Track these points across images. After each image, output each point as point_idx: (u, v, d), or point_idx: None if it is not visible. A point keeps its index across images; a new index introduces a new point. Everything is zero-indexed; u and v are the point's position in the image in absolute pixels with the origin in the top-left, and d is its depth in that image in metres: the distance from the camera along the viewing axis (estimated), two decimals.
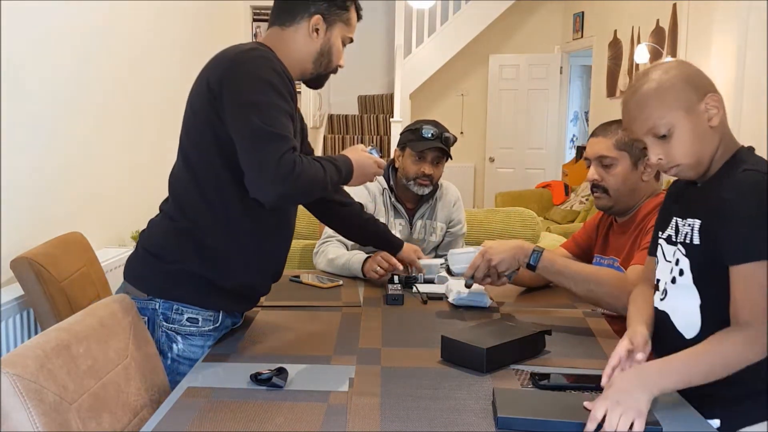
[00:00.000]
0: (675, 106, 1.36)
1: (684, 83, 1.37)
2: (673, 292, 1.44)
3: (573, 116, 9.11)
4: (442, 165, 2.58)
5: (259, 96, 1.53)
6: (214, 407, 1.30)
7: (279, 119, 1.53)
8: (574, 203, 6.37)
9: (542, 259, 1.83)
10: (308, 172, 1.54)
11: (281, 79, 1.59)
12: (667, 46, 5.47)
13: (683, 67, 1.40)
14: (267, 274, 1.79)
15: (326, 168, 1.61)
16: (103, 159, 3.11)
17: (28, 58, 2.51)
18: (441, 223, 2.68)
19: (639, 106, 1.39)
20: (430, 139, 2.49)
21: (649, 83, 1.39)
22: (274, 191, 1.51)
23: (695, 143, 1.37)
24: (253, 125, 1.51)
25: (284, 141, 1.51)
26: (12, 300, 2.26)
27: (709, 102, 1.36)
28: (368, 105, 8.48)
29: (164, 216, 1.71)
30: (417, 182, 2.54)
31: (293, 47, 1.72)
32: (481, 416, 1.26)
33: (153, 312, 1.65)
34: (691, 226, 1.39)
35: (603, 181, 1.95)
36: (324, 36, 1.73)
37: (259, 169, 1.50)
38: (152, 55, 3.63)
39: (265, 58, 1.60)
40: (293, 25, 1.71)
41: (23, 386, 1.11)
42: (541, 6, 8.39)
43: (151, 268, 1.68)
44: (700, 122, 1.37)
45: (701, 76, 1.40)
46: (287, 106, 1.57)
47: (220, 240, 1.64)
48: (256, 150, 1.51)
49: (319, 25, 1.71)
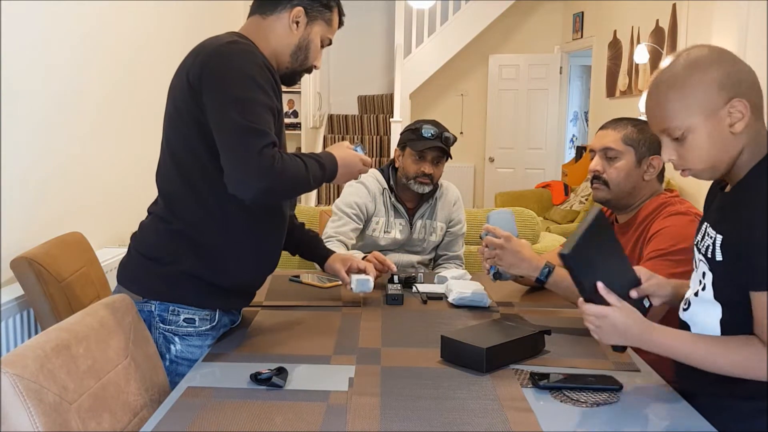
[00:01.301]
0: (694, 109, 1.28)
1: (711, 84, 1.27)
2: (695, 306, 1.39)
3: (573, 116, 9.11)
4: (443, 164, 2.59)
5: (239, 91, 1.52)
6: (214, 407, 1.30)
7: (260, 114, 1.51)
8: (573, 203, 6.37)
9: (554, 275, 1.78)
10: (289, 168, 1.53)
11: (263, 73, 1.56)
12: (666, 46, 5.47)
13: (715, 64, 1.28)
14: (262, 269, 1.79)
15: (308, 164, 1.59)
16: (103, 159, 3.10)
17: (28, 57, 2.51)
18: (441, 223, 2.69)
19: (657, 102, 1.32)
20: (430, 138, 2.50)
21: (674, 77, 1.30)
22: (253, 186, 1.49)
23: (711, 150, 1.29)
24: (232, 121, 1.49)
25: (264, 136, 1.49)
26: (12, 300, 2.26)
27: (734, 107, 1.26)
28: (368, 105, 8.48)
29: (155, 218, 1.70)
30: (417, 181, 2.55)
31: (271, 37, 1.70)
32: (481, 416, 1.26)
33: (149, 314, 1.64)
34: (713, 239, 1.31)
35: (604, 173, 1.94)
36: (304, 30, 1.71)
37: (238, 164, 1.49)
38: (152, 55, 3.63)
39: (246, 52, 1.58)
40: (274, 14, 1.70)
41: (23, 386, 1.11)
42: (541, 6, 8.39)
43: (145, 270, 1.67)
44: (721, 128, 1.28)
45: (734, 73, 1.28)
46: (269, 101, 1.55)
47: (214, 238, 1.64)
48: (235, 145, 1.49)
49: (300, 17, 1.69)
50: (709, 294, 1.34)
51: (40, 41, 2.60)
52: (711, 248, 1.31)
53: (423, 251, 2.70)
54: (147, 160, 3.56)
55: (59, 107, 2.74)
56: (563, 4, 8.34)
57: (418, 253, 2.70)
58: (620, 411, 1.31)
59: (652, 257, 1.77)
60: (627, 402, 1.34)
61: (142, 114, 3.53)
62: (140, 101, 3.50)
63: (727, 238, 1.28)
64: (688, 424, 1.26)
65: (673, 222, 1.80)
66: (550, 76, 8.31)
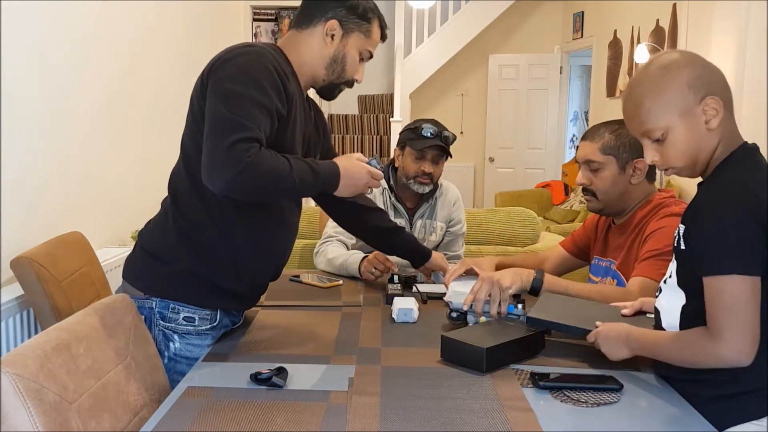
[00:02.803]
0: (671, 109, 1.35)
1: (682, 86, 1.34)
2: (664, 292, 1.46)
3: (573, 116, 9.11)
4: (442, 163, 2.59)
5: (233, 85, 1.51)
6: (214, 407, 1.30)
7: (248, 109, 1.49)
8: (573, 203, 6.38)
9: (545, 282, 1.82)
10: (265, 164, 1.48)
11: (269, 75, 1.55)
12: (667, 46, 5.47)
13: (686, 66, 1.36)
14: (264, 274, 1.78)
15: (295, 166, 1.54)
16: (103, 159, 3.11)
17: (27, 57, 2.51)
18: (441, 223, 2.69)
19: (635, 107, 1.39)
20: (429, 137, 2.51)
21: (649, 81, 1.37)
22: (218, 178, 1.46)
23: (691, 146, 1.36)
24: (217, 111, 1.49)
25: (243, 129, 1.47)
26: (12, 300, 2.26)
27: (708, 105, 1.34)
28: (368, 105, 8.48)
29: (162, 214, 1.71)
30: (417, 180, 2.55)
31: (306, 50, 1.71)
32: (481, 416, 1.26)
33: (150, 311, 1.65)
34: (679, 229, 1.39)
35: (591, 185, 1.95)
36: (339, 43, 1.71)
37: (208, 153, 1.48)
38: (152, 55, 3.63)
39: (256, 53, 1.57)
40: (309, 28, 1.70)
41: (23, 386, 1.11)
42: (541, 6, 8.39)
43: (148, 267, 1.68)
44: (697, 125, 1.35)
45: (705, 74, 1.36)
46: (265, 100, 1.52)
47: (216, 239, 1.64)
48: (210, 134, 1.48)
49: (335, 30, 1.69)
50: (673, 281, 1.41)
51: (42, 42, 2.60)
52: (677, 238, 1.39)
53: None
54: (147, 160, 3.57)
55: (59, 107, 2.74)
56: (563, 4, 8.34)
57: None
58: (620, 411, 1.31)
59: (646, 257, 1.79)
60: (627, 402, 1.34)
61: (143, 114, 3.53)
62: (141, 101, 3.50)
63: (687, 228, 1.35)
64: (688, 424, 1.26)
65: (668, 222, 1.81)
66: (550, 75, 8.31)
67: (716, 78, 1.37)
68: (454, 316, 1.79)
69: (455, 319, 1.79)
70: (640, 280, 1.76)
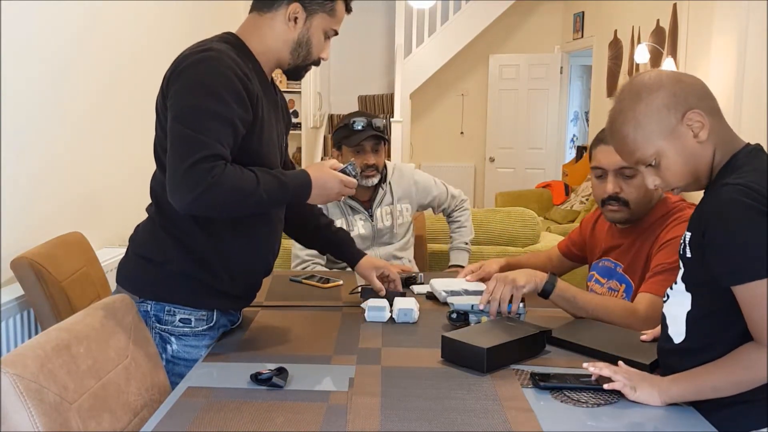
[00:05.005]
0: (655, 136, 1.33)
1: (660, 108, 1.33)
2: (672, 298, 1.43)
3: (573, 116, 9.11)
4: (382, 150, 2.60)
5: (192, 100, 1.48)
6: (214, 407, 1.30)
7: (207, 125, 1.46)
8: (574, 203, 6.37)
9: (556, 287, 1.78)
10: (228, 181, 1.45)
11: (226, 81, 1.50)
12: (667, 46, 5.47)
13: (658, 89, 1.34)
14: (257, 272, 1.77)
15: (261, 180, 1.51)
16: (103, 159, 3.10)
17: (26, 56, 2.51)
18: (404, 204, 2.70)
19: (621, 141, 1.38)
20: (361, 130, 2.52)
21: (625, 114, 1.35)
22: (182, 199, 1.45)
23: (687, 164, 1.35)
24: (175, 129, 1.47)
25: (204, 147, 1.44)
26: (12, 300, 2.26)
27: (690, 119, 1.32)
28: (368, 105, 8.48)
29: (149, 219, 1.71)
30: (363, 175, 2.55)
31: (269, 35, 1.65)
32: (481, 416, 1.26)
33: (146, 314, 1.64)
34: (685, 237, 1.38)
35: (622, 193, 1.83)
36: (303, 26, 1.65)
37: (170, 175, 1.46)
38: (151, 54, 3.63)
39: (212, 59, 1.51)
40: (271, 11, 1.65)
41: (23, 386, 1.11)
42: (541, 6, 8.39)
43: (141, 270, 1.67)
44: (686, 142, 1.33)
45: (679, 91, 1.33)
46: (226, 111, 1.49)
47: (199, 239, 1.62)
48: (172, 155, 1.47)
49: (297, 13, 1.64)
50: (681, 287, 1.40)
51: (40, 39, 2.60)
52: (683, 245, 1.38)
53: (395, 238, 2.70)
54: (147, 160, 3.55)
55: (59, 107, 2.74)
56: (563, 4, 8.33)
57: (390, 244, 2.69)
58: (620, 411, 1.31)
59: (657, 272, 1.75)
60: (627, 402, 1.34)
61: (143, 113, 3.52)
62: (141, 101, 3.50)
63: (694, 235, 1.34)
64: (688, 424, 1.26)
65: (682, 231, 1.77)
66: (551, 76, 8.31)
67: (692, 90, 1.34)
68: (454, 316, 1.79)
69: (455, 319, 1.79)
70: (649, 298, 1.72)
